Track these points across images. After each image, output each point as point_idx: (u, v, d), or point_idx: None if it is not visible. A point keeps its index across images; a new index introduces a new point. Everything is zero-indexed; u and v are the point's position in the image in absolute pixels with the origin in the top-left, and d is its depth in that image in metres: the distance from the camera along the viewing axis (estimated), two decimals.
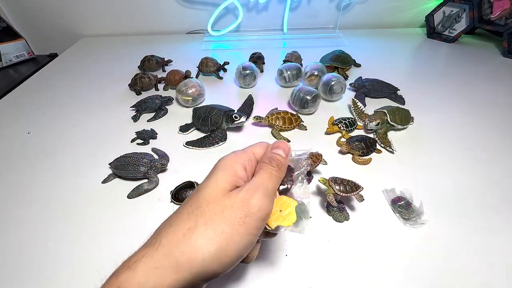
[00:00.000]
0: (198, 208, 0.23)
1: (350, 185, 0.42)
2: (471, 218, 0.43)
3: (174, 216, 0.24)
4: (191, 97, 0.68)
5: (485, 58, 0.94)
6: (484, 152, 0.56)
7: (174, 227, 0.23)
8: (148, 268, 0.21)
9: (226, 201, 0.23)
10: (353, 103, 0.64)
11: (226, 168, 0.26)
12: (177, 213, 0.24)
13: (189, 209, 0.23)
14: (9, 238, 0.42)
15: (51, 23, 1.11)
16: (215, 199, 0.23)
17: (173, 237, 0.22)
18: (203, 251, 0.21)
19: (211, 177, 0.25)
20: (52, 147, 0.58)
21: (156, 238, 0.22)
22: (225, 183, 0.24)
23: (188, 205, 0.24)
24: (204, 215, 0.22)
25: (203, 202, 0.23)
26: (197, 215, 0.22)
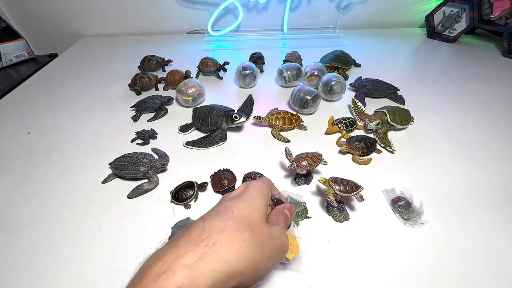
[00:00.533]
0: (248, 225, 0.25)
1: (350, 185, 0.42)
2: (471, 218, 0.43)
3: (225, 221, 0.25)
4: (191, 97, 0.68)
5: (485, 58, 0.94)
6: (484, 152, 0.56)
7: (228, 233, 0.24)
8: (207, 270, 0.21)
9: (268, 230, 0.27)
10: (353, 103, 0.63)
11: (263, 197, 0.30)
12: (224, 217, 0.25)
13: (240, 222, 0.25)
14: (9, 237, 0.42)
15: (51, 23, 1.11)
16: (260, 224, 0.27)
17: (230, 243, 0.23)
18: (252, 266, 0.24)
19: (254, 202, 0.28)
20: (52, 147, 0.58)
21: (210, 238, 0.23)
22: (264, 213, 0.28)
23: (236, 217, 0.26)
24: (254, 235, 0.25)
25: (251, 223, 0.26)
26: (249, 232, 0.25)
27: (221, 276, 0.21)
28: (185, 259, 0.21)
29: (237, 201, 0.28)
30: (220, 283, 0.21)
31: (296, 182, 0.49)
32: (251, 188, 0.30)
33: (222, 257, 0.22)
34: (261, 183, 0.31)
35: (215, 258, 0.22)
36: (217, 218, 0.25)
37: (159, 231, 0.41)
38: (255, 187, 0.30)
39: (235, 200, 0.28)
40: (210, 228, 0.24)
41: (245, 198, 0.28)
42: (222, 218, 0.25)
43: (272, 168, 0.52)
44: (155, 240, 0.41)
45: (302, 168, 0.46)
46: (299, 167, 0.46)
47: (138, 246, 0.40)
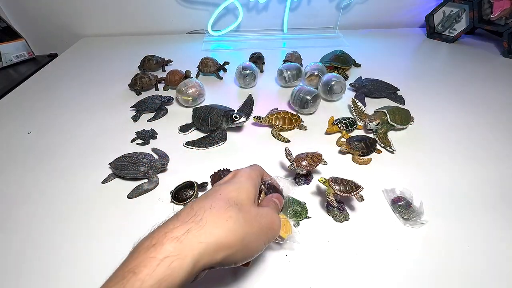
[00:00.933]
0: (235, 205, 0.27)
1: (350, 185, 0.42)
2: (471, 218, 0.43)
3: (213, 201, 0.27)
4: (191, 97, 0.68)
5: (485, 58, 0.94)
6: (484, 152, 0.56)
7: (216, 211, 0.25)
8: (194, 242, 0.23)
9: (257, 210, 0.29)
10: (353, 103, 0.64)
11: (252, 180, 0.31)
12: (212, 198, 0.27)
13: (228, 202, 0.27)
14: (9, 237, 0.42)
15: (51, 23, 1.11)
16: (248, 205, 0.28)
17: (217, 218, 0.25)
18: (240, 240, 0.25)
19: (242, 185, 0.30)
20: (52, 147, 0.58)
21: (198, 214, 0.25)
22: (252, 195, 0.30)
23: (223, 197, 0.27)
24: (241, 213, 0.26)
25: (238, 203, 0.27)
26: (237, 210, 0.26)
27: (207, 248, 0.23)
28: (173, 233, 0.23)
29: (226, 185, 0.30)
30: (207, 254, 0.23)
31: (296, 182, 0.49)
32: (239, 174, 0.32)
33: (208, 231, 0.23)
34: (249, 169, 0.33)
35: (201, 231, 0.23)
36: (205, 200, 0.27)
37: None
38: (244, 173, 0.32)
39: (224, 184, 0.30)
40: (198, 207, 0.26)
41: (233, 182, 0.30)
42: (209, 199, 0.27)
43: (272, 168, 0.52)
44: None
45: (302, 168, 0.46)
46: (299, 167, 0.46)
47: None
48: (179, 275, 0.21)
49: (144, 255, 0.21)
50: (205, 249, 0.23)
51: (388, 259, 0.38)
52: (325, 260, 0.38)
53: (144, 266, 0.21)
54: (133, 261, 0.21)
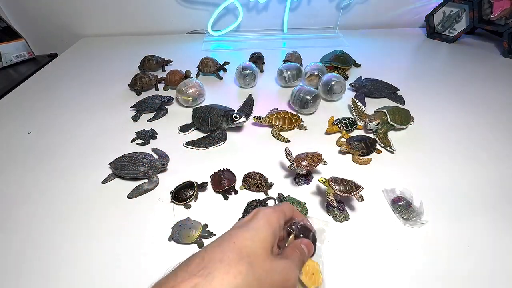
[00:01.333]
0: (247, 257, 0.25)
1: (350, 185, 0.42)
2: (471, 218, 0.43)
3: (223, 253, 0.25)
4: (191, 97, 0.68)
5: (485, 58, 0.94)
6: (484, 151, 0.56)
7: (225, 265, 0.24)
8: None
9: (271, 263, 0.27)
10: (353, 103, 0.63)
11: (270, 226, 0.29)
12: (225, 249, 0.26)
13: (239, 253, 0.25)
14: (9, 237, 0.42)
15: (51, 23, 1.11)
16: (262, 256, 0.26)
17: (225, 275, 0.24)
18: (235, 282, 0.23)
19: (257, 232, 0.28)
20: (52, 147, 0.58)
21: (207, 268, 0.24)
22: (269, 244, 0.28)
23: (236, 247, 0.26)
24: (252, 268, 0.25)
25: (251, 254, 0.26)
26: (247, 265, 0.25)
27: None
28: (180, 287, 0.22)
29: (242, 231, 0.28)
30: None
31: (296, 182, 0.49)
32: (259, 217, 0.29)
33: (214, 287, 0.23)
34: (271, 211, 0.30)
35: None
36: (218, 248, 0.26)
37: (159, 231, 0.42)
38: (263, 216, 0.29)
39: (241, 229, 0.28)
40: (209, 258, 0.25)
41: (250, 228, 0.28)
42: (222, 249, 0.26)
43: (272, 168, 0.52)
44: (155, 240, 0.41)
45: (302, 168, 0.46)
46: (299, 167, 0.46)
47: (138, 246, 0.40)
48: None
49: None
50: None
51: (388, 259, 0.38)
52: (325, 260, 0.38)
53: None
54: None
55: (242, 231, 0.28)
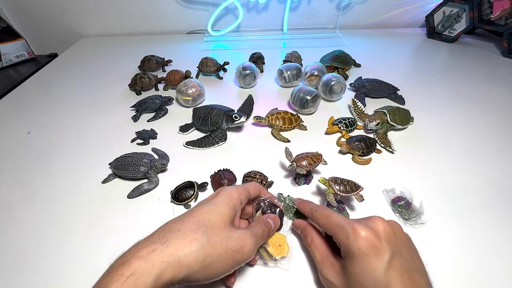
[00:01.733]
0: (204, 227, 0.29)
1: (350, 185, 0.42)
2: (471, 218, 0.43)
3: (182, 224, 0.29)
4: (191, 97, 0.68)
5: (485, 58, 0.94)
6: (484, 152, 0.56)
7: (182, 233, 0.28)
8: (157, 261, 0.25)
9: (227, 232, 0.30)
10: (353, 103, 0.64)
11: (230, 201, 0.32)
12: (184, 221, 0.29)
13: (197, 224, 0.29)
14: (9, 237, 0.42)
15: (51, 23, 1.11)
16: (219, 227, 0.30)
17: (181, 241, 0.27)
18: (200, 261, 0.27)
19: (216, 206, 0.31)
20: (52, 147, 0.58)
21: (166, 236, 0.27)
22: (227, 217, 0.31)
23: (194, 219, 0.29)
24: (208, 235, 0.28)
25: (208, 225, 0.29)
26: (203, 233, 0.28)
27: (169, 267, 0.25)
28: (140, 253, 0.26)
29: (202, 205, 0.31)
30: (168, 273, 0.25)
31: (296, 182, 0.49)
32: (220, 193, 0.33)
33: (170, 251, 0.26)
34: (232, 189, 0.34)
35: (164, 252, 0.26)
36: (178, 221, 0.29)
37: None
38: (224, 192, 0.33)
39: (201, 204, 0.32)
40: (169, 228, 0.28)
41: (210, 203, 0.32)
42: (181, 221, 0.29)
43: (272, 168, 0.52)
44: None
45: (302, 168, 0.46)
46: (299, 167, 0.46)
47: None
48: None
49: (115, 272, 0.24)
50: (166, 268, 0.25)
51: None
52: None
53: (113, 282, 0.24)
54: (106, 277, 0.24)
55: (202, 206, 0.31)
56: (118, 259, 0.26)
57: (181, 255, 0.26)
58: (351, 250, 0.29)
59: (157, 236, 0.28)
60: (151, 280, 0.24)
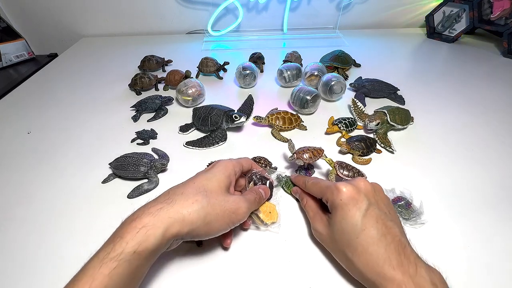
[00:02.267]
0: (204, 191, 0.33)
1: (354, 171, 0.45)
2: (471, 218, 0.43)
3: (184, 189, 0.33)
4: (191, 97, 0.68)
5: (485, 58, 0.94)
6: (484, 152, 0.56)
7: (185, 196, 0.32)
8: (164, 217, 0.29)
9: (224, 196, 0.34)
10: (353, 103, 0.64)
11: (226, 171, 0.37)
12: (186, 187, 0.34)
13: (197, 188, 0.33)
14: (8, 237, 0.42)
15: (51, 23, 1.11)
16: (217, 191, 0.34)
17: (184, 201, 0.31)
18: (201, 218, 0.31)
19: (214, 175, 0.36)
20: (52, 147, 0.58)
21: (171, 198, 0.32)
22: (223, 184, 0.35)
23: (195, 185, 0.34)
24: (207, 198, 0.33)
25: (208, 189, 0.33)
26: (203, 196, 0.32)
27: (175, 222, 0.29)
28: (150, 210, 0.30)
29: (201, 174, 0.36)
30: (174, 227, 0.29)
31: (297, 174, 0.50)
32: (217, 164, 0.38)
33: (176, 209, 0.30)
34: (228, 161, 0.39)
35: (170, 210, 0.30)
36: (180, 186, 0.34)
37: None
38: (221, 164, 0.38)
39: (201, 173, 0.36)
40: (173, 192, 0.33)
41: (208, 172, 0.36)
42: (184, 187, 0.34)
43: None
44: None
45: (301, 160, 0.47)
46: (299, 159, 0.47)
47: None
48: (153, 240, 0.28)
49: (129, 226, 0.28)
50: (173, 223, 0.29)
51: None
52: (325, 260, 0.38)
53: (127, 233, 0.28)
54: (120, 230, 0.29)
55: (201, 175, 0.36)
56: (129, 216, 0.30)
57: (185, 213, 0.30)
58: (335, 203, 0.34)
59: (163, 197, 0.32)
60: (160, 232, 0.28)
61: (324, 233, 0.37)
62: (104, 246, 0.29)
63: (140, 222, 0.28)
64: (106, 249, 0.27)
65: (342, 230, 0.33)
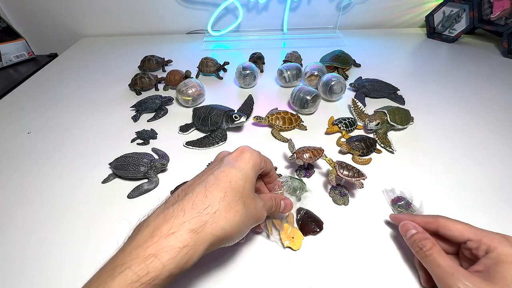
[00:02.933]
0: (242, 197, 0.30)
1: (354, 171, 0.44)
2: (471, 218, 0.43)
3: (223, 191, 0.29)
4: (191, 97, 0.68)
5: (485, 58, 0.94)
6: (484, 152, 0.56)
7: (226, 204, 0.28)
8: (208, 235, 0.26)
9: (255, 202, 0.32)
10: (353, 103, 0.64)
11: (255, 166, 0.33)
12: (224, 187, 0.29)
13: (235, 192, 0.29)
14: (9, 237, 0.42)
15: (51, 23, 1.11)
16: (250, 196, 0.31)
17: (227, 213, 0.28)
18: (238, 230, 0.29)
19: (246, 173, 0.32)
20: (52, 147, 0.58)
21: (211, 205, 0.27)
22: (253, 185, 0.33)
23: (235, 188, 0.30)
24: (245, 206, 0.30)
25: (244, 194, 0.30)
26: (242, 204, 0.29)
27: (217, 239, 0.27)
28: (191, 224, 0.26)
29: (235, 170, 0.31)
30: (215, 243, 0.27)
31: (297, 174, 0.50)
32: (246, 159, 0.33)
33: (220, 225, 0.27)
34: (257, 155, 0.34)
35: (214, 225, 0.27)
36: (217, 186, 0.29)
37: None
38: (251, 159, 0.33)
39: (233, 168, 0.31)
40: (212, 196, 0.28)
41: (241, 169, 0.32)
42: (221, 187, 0.29)
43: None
44: None
45: (301, 160, 0.47)
46: (299, 158, 0.47)
47: None
48: (193, 260, 0.25)
49: (165, 241, 0.24)
50: (214, 240, 0.27)
51: (389, 259, 0.38)
52: (325, 260, 0.38)
53: (165, 252, 0.24)
54: (154, 245, 0.24)
55: (235, 171, 0.31)
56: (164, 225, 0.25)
57: (227, 229, 0.27)
58: (501, 258, 0.28)
59: (201, 203, 0.27)
60: (202, 251, 0.26)
61: None
62: (131, 263, 0.23)
63: (181, 239, 0.24)
64: (136, 270, 0.23)
65: None
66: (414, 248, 0.34)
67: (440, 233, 0.34)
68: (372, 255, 0.38)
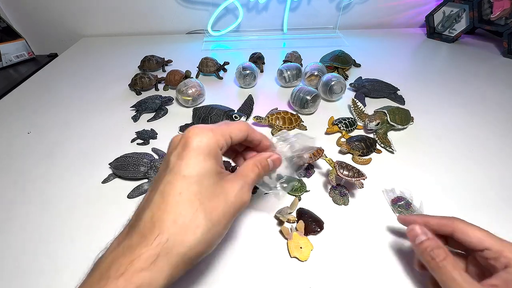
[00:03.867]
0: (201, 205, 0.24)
1: (354, 171, 0.44)
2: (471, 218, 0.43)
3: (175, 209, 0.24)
4: (191, 97, 0.68)
5: (485, 58, 0.94)
6: (484, 151, 0.56)
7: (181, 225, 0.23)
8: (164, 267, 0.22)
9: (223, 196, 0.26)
10: (353, 103, 0.64)
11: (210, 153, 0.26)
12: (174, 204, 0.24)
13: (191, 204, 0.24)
14: (9, 237, 0.42)
15: (51, 23, 1.11)
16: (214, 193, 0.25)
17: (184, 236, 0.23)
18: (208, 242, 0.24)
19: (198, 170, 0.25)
20: (52, 147, 0.58)
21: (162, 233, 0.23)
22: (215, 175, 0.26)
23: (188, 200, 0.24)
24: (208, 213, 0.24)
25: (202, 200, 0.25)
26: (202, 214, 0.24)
27: (178, 265, 0.23)
28: (140, 262, 0.22)
29: (181, 178, 0.24)
30: (177, 271, 0.23)
31: (297, 174, 0.50)
32: (194, 147, 0.25)
33: (177, 252, 0.23)
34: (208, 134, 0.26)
35: (169, 255, 0.22)
36: (165, 208, 0.24)
37: None
38: (200, 145, 0.25)
39: (178, 176, 0.25)
40: (160, 221, 0.23)
41: (189, 169, 0.25)
42: (170, 206, 0.24)
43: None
44: None
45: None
46: None
47: None
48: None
49: (114, 285, 0.21)
50: (176, 267, 0.23)
51: (389, 259, 0.38)
52: (324, 260, 0.38)
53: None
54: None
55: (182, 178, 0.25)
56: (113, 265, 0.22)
57: (189, 253, 0.23)
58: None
59: (149, 232, 0.23)
60: (162, 284, 0.22)
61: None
62: None
63: (132, 281, 0.21)
64: None
65: None
66: (425, 257, 0.30)
67: (455, 237, 0.31)
68: (372, 255, 0.38)
